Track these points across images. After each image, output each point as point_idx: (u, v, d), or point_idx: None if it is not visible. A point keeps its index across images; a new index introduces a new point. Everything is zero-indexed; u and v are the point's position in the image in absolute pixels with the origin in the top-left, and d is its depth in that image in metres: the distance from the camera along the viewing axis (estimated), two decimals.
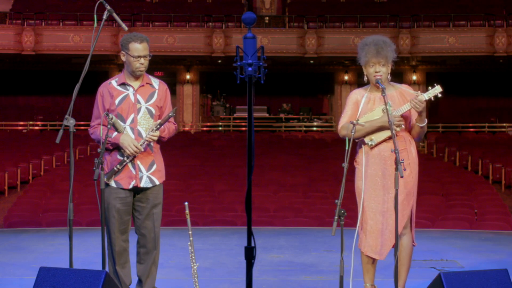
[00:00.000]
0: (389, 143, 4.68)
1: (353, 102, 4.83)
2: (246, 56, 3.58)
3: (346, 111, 4.84)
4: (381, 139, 4.71)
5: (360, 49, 4.75)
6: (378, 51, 4.66)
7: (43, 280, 4.11)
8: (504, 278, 4.26)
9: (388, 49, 4.70)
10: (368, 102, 4.78)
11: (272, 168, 16.87)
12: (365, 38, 4.80)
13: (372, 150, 4.75)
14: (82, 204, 13.31)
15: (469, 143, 20.45)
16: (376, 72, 4.68)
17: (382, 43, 4.70)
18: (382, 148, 4.74)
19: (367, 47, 4.70)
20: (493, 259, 7.40)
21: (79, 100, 8.63)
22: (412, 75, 24.03)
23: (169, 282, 5.74)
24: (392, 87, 4.82)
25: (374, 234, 4.73)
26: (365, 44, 4.73)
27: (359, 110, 4.78)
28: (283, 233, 10.17)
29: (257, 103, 22.68)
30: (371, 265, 4.82)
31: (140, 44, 4.67)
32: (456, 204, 14.18)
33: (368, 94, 4.80)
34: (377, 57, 4.67)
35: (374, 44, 4.69)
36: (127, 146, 4.61)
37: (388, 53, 4.69)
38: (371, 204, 4.74)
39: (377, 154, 4.74)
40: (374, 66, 4.70)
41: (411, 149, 4.78)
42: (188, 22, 23.34)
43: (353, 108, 4.81)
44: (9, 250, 8.04)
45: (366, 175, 4.75)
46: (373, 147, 4.73)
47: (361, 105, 4.79)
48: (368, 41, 4.74)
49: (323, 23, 23.24)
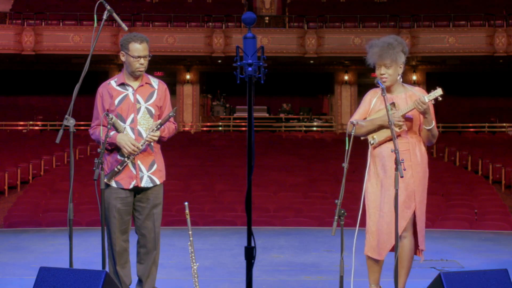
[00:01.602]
0: (390, 143, 4.68)
1: (366, 101, 4.87)
2: (246, 56, 3.58)
3: (358, 110, 4.88)
4: (382, 138, 4.73)
5: (367, 51, 4.78)
6: (381, 54, 4.69)
7: (43, 280, 4.11)
8: (504, 278, 4.26)
9: (392, 51, 4.70)
10: (378, 101, 4.80)
11: (272, 168, 16.87)
12: (373, 40, 4.81)
13: (375, 150, 4.76)
14: (82, 204, 13.31)
15: (469, 143, 20.45)
16: (381, 74, 4.71)
17: (387, 45, 4.70)
18: (382, 149, 4.75)
19: (372, 50, 4.73)
20: (493, 259, 7.40)
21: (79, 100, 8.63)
22: (412, 75, 24.03)
23: (169, 282, 5.74)
24: (402, 88, 4.82)
25: (373, 234, 4.74)
26: (370, 47, 4.75)
27: (371, 108, 4.82)
28: (283, 233, 10.17)
29: (257, 103, 22.70)
30: (376, 266, 4.82)
31: (140, 44, 4.66)
32: (456, 204, 14.18)
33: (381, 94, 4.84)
34: (380, 59, 4.70)
35: (378, 46, 4.71)
36: (124, 145, 4.61)
37: (393, 55, 4.69)
38: (374, 204, 4.75)
39: (378, 154, 4.76)
40: (380, 68, 4.72)
41: (416, 151, 4.75)
42: (188, 22, 23.35)
43: (365, 106, 4.85)
44: (9, 250, 8.05)
45: (371, 176, 4.77)
46: (376, 146, 4.75)
47: (372, 104, 4.82)
48: (374, 43, 4.76)
49: (323, 23, 23.24)
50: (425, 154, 4.81)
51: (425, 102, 4.58)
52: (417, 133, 4.79)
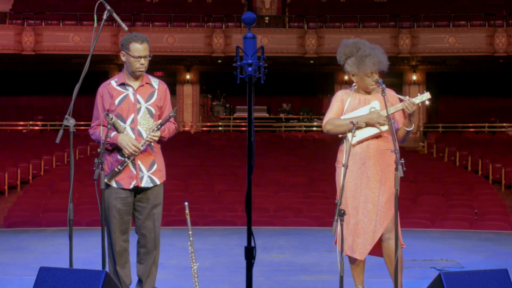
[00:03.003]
0: (377, 142, 4.71)
1: (338, 100, 4.88)
2: (246, 56, 3.58)
3: (331, 108, 4.90)
4: (364, 136, 4.74)
5: (358, 59, 4.74)
6: (379, 62, 4.74)
7: (43, 280, 4.11)
8: (504, 278, 4.26)
9: (385, 57, 4.77)
10: (354, 101, 4.82)
11: (272, 168, 16.87)
12: (359, 48, 4.77)
13: (355, 148, 4.75)
14: (82, 204, 13.31)
15: (469, 143, 20.45)
16: (374, 80, 4.74)
17: (380, 54, 4.75)
18: (370, 147, 4.74)
19: (368, 59, 4.71)
20: (493, 259, 7.40)
21: (79, 100, 8.64)
22: (412, 75, 24.02)
23: (169, 282, 5.74)
24: (377, 90, 4.85)
25: (354, 233, 4.73)
26: (364, 56, 4.72)
27: (345, 108, 4.83)
28: (283, 233, 10.17)
29: (257, 103, 22.69)
30: (358, 267, 4.81)
31: (140, 44, 4.67)
32: (456, 204, 14.18)
33: (354, 94, 4.85)
34: (378, 67, 4.75)
35: (375, 56, 4.73)
36: (125, 146, 4.61)
37: (385, 61, 4.77)
38: (355, 203, 4.74)
39: (361, 152, 4.75)
40: (372, 75, 4.75)
41: None
42: (188, 22, 23.35)
43: (339, 105, 4.87)
44: (9, 250, 8.05)
45: (351, 174, 4.74)
46: (355, 144, 4.74)
47: (347, 103, 4.84)
48: (366, 52, 4.74)
49: (323, 23, 23.24)
50: None
51: (415, 104, 4.64)
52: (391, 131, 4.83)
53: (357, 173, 4.74)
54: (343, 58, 4.85)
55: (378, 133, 4.72)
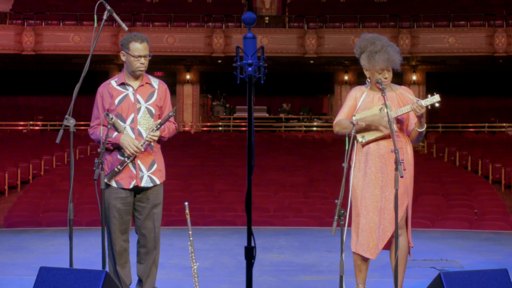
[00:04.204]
0: (387, 142, 4.71)
1: (351, 99, 4.88)
2: (246, 56, 3.58)
3: (343, 108, 4.89)
4: (372, 137, 4.74)
5: (369, 54, 4.75)
6: (393, 59, 4.73)
7: (43, 280, 4.11)
8: (504, 278, 4.26)
9: (398, 55, 4.77)
10: (367, 99, 4.82)
11: (272, 168, 16.87)
12: (373, 43, 4.79)
13: (369, 148, 4.76)
14: (82, 204, 13.31)
15: (469, 143, 20.45)
16: (385, 79, 4.73)
17: (393, 52, 4.74)
18: (380, 147, 4.75)
19: (378, 55, 4.71)
20: (493, 259, 7.40)
21: (79, 100, 8.63)
22: (412, 75, 24.02)
23: (169, 282, 5.74)
24: (391, 88, 4.85)
25: (366, 232, 4.73)
26: (375, 52, 4.73)
27: (357, 106, 4.83)
28: (283, 233, 10.16)
29: (257, 103, 22.66)
30: (364, 265, 4.82)
31: (140, 44, 4.67)
32: (456, 204, 14.17)
33: (368, 92, 4.85)
34: (388, 65, 4.72)
35: (386, 53, 4.72)
36: (127, 146, 4.62)
37: (397, 60, 4.76)
38: (366, 202, 4.75)
39: (375, 152, 4.76)
40: (383, 72, 4.74)
41: (408, 149, 4.83)
42: (188, 22, 23.34)
43: (351, 104, 4.86)
44: (9, 250, 8.04)
45: (361, 173, 4.76)
46: (365, 144, 4.77)
47: (360, 102, 4.84)
48: (378, 48, 4.74)
49: (323, 23, 23.23)
50: (412, 153, 4.89)
51: (423, 106, 4.63)
52: (404, 132, 4.82)
53: (367, 172, 4.75)
54: (359, 52, 4.86)
55: (387, 134, 4.70)
